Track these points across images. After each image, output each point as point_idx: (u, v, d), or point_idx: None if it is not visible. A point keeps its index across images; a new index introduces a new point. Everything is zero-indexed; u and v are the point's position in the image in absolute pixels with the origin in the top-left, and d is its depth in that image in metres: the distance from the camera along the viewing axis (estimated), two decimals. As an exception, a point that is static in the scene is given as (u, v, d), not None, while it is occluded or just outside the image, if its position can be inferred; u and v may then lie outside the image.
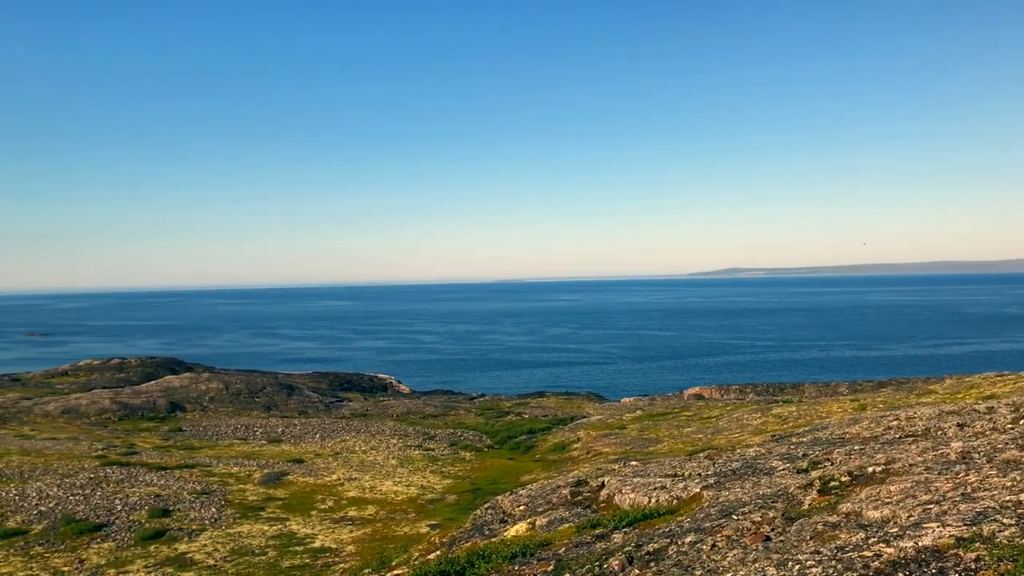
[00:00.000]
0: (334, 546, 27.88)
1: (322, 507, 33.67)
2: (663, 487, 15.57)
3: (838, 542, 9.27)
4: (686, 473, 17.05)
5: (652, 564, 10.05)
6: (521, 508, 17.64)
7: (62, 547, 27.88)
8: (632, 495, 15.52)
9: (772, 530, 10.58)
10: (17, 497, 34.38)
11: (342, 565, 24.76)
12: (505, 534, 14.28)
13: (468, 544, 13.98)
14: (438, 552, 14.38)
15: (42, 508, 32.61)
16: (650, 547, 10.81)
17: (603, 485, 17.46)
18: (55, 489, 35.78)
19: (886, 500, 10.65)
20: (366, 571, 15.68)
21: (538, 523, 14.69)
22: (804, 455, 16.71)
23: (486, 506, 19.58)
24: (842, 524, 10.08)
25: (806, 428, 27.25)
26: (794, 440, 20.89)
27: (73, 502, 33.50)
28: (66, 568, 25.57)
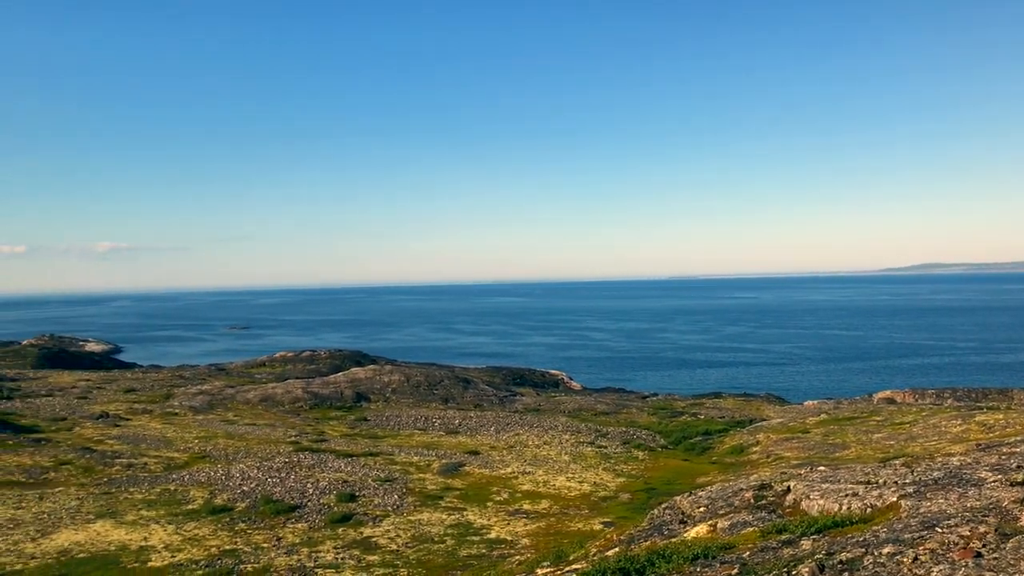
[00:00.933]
0: (509, 538, 28.34)
1: (497, 499, 34.34)
2: (855, 494, 14.63)
3: (1067, 564, 8.31)
4: (880, 480, 15.95)
5: (845, 574, 9.44)
6: (701, 510, 17.14)
7: (261, 525, 30.07)
8: (821, 501, 14.69)
9: (984, 546, 9.66)
10: (224, 477, 37.52)
11: (517, 557, 25.11)
12: (685, 535, 13.91)
13: (647, 543, 13.74)
14: (616, 549, 14.22)
15: (244, 488, 35.35)
16: (843, 556, 10.18)
17: (788, 490, 16.65)
18: (255, 471, 38.71)
19: (1125, 520, 9.44)
20: (544, 564, 15.78)
21: (719, 525, 14.21)
22: (1019, 466, 15.19)
23: (664, 506, 19.21)
24: (1071, 544, 9.04)
25: (1018, 438, 24.87)
26: (1005, 450, 19.07)
27: (271, 484, 36.09)
28: (265, 544, 27.53)
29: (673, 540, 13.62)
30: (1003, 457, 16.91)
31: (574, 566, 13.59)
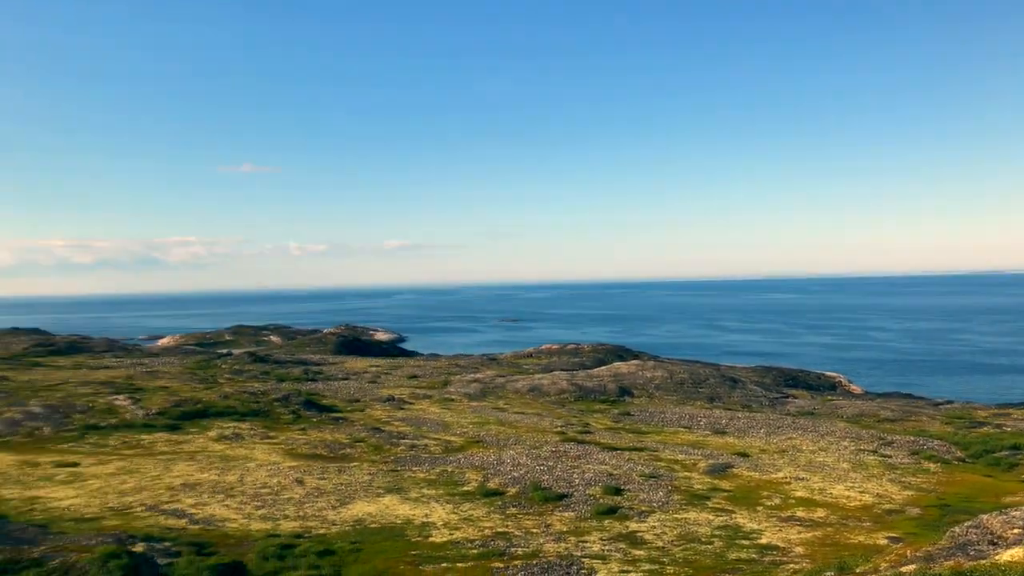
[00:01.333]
0: (782, 545, 26.85)
1: (768, 504, 32.73)
2: None
3: None
4: None
5: None
6: (1015, 531, 14.97)
7: (531, 511, 31.04)
8: None
9: None
10: (495, 462, 39.31)
11: (791, 565, 23.69)
12: (997, 558, 12.18)
13: (950, 562, 12.21)
14: (912, 566, 12.79)
15: (514, 474, 36.75)
16: None
17: None
18: (524, 458, 40.14)
19: None
20: (825, 575, 14.63)
21: (1041, 551, 12.27)
22: None
23: (968, 524, 17.09)
24: None
25: None
26: None
27: (539, 471, 37.19)
28: (535, 530, 28.36)
29: (982, 562, 11.97)
30: None
31: (861, 581, 12.41)
